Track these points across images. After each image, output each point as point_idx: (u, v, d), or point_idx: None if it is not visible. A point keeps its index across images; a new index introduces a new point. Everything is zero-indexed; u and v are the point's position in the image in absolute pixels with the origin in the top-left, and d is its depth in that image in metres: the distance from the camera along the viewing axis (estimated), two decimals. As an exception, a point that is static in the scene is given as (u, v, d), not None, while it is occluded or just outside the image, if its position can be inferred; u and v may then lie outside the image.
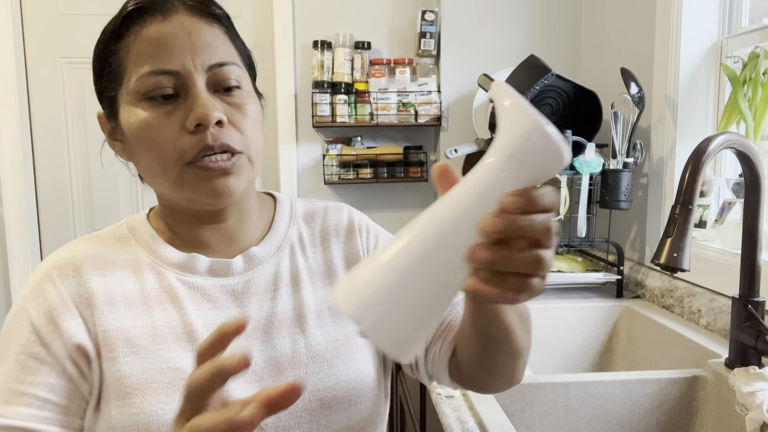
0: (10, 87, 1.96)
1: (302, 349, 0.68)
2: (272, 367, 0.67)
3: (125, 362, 0.62)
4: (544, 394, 1.01)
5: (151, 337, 0.64)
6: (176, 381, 0.62)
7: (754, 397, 0.88)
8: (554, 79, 1.51)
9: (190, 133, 0.62)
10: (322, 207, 0.80)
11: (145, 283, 0.67)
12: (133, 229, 0.71)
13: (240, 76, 0.66)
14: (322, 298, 0.73)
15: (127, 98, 0.64)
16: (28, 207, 2.04)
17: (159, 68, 0.61)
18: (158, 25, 0.62)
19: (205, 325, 0.66)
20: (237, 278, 0.69)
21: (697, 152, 0.89)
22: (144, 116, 0.62)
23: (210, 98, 0.62)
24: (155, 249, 0.69)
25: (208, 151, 0.62)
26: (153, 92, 0.62)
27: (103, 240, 0.70)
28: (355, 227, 0.78)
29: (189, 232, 0.70)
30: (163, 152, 0.62)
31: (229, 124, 0.63)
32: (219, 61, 0.64)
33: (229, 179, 0.63)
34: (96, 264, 0.66)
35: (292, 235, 0.75)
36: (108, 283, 0.65)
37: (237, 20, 0.71)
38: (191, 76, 0.62)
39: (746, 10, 1.36)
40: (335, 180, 1.99)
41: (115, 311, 0.64)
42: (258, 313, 0.69)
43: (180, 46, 0.62)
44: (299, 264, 0.73)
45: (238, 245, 0.72)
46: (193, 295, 0.67)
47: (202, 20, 0.64)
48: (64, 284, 0.64)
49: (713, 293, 1.25)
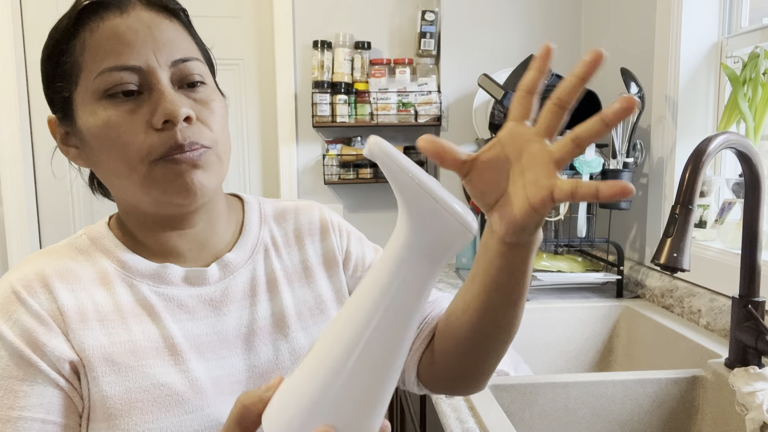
0: (11, 87, 1.96)
1: (286, 354, 0.67)
2: (257, 375, 0.65)
3: (106, 382, 0.58)
4: (544, 394, 1.01)
5: (131, 353, 0.60)
6: (161, 398, 0.59)
7: (754, 397, 0.88)
8: (554, 79, 1.51)
9: (157, 131, 0.59)
10: (293, 206, 0.78)
11: (117, 296, 0.62)
12: (95, 239, 0.66)
13: (203, 71, 0.63)
14: (302, 299, 0.71)
15: (84, 98, 0.60)
16: (28, 207, 2.04)
17: (120, 64, 0.58)
18: (116, 20, 0.59)
19: (186, 338, 0.63)
20: (213, 287, 0.66)
21: (697, 152, 0.88)
22: (105, 115, 0.59)
23: (176, 94, 0.60)
24: (123, 260, 0.64)
25: (178, 151, 0.59)
26: (114, 89, 0.58)
27: (64, 253, 0.64)
28: (329, 226, 0.76)
29: (156, 240, 0.66)
30: (128, 151, 0.59)
31: (196, 121, 0.61)
32: (182, 57, 0.61)
33: (198, 173, 0.60)
34: (63, 278, 0.61)
35: (265, 237, 0.73)
36: (78, 299, 0.61)
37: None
38: (154, 72, 0.59)
39: (746, 10, 1.36)
40: (335, 180, 1.99)
41: (89, 328, 0.60)
42: (238, 321, 0.66)
43: (141, 41, 0.59)
44: (275, 266, 0.71)
45: (210, 251, 0.68)
46: (169, 307, 0.64)
47: (161, 15, 0.62)
48: (37, 301, 0.59)
49: (713, 293, 1.25)
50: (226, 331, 0.66)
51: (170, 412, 0.59)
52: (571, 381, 1.02)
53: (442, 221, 0.42)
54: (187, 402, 0.60)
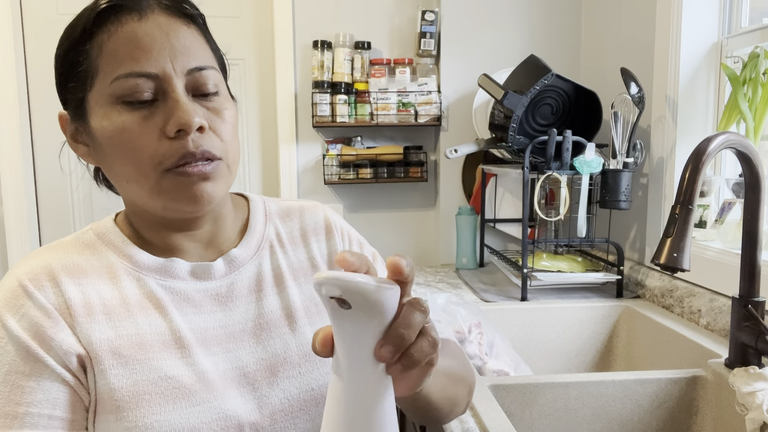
0: (11, 87, 1.96)
1: (294, 348, 0.68)
2: (265, 368, 0.66)
3: (113, 375, 0.59)
4: (544, 394, 1.01)
5: (138, 345, 0.61)
6: (169, 390, 0.60)
7: (754, 397, 0.88)
8: (554, 79, 1.51)
9: (170, 139, 0.60)
10: (297, 206, 0.79)
11: (123, 289, 0.63)
12: (101, 234, 0.67)
13: (218, 80, 0.64)
14: (308, 294, 0.72)
15: (99, 100, 0.61)
16: (28, 207, 2.04)
17: (137, 70, 0.59)
18: (134, 25, 0.59)
19: (192, 331, 0.64)
20: (219, 281, 0.67)
21: (697, 152, 0.88)
22: (120, 120, 0.60)
23: (191, 103, 0.60)
24: (129, 254, 0.65)
25: (189, 158, 0.60)
26: (129, 96, 0.59)
27: (70, 247, 0.65)
28: (333, 227, 0.78)
29: (162, 239, 0.67)
30: (140, 158, 0.60)
31: (209, 130, 0.62)
32: (198, 65, 0.62)
33: (208, 185, 0.61)
34: (69, 272, 0.62)
35: (270, 234, 0.74)
36: (84, 292, 0.61)
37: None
38: (170, 80, 0.60)
39: (746, 10, 1.36)
40: (335, 180, 2.00)
41: (95, 321, 0.60)
42: (245, 315, 0.68)
43: (159, 47, 0.59)
44: (281, 262, 0.72)
45: (215, 248, 0.70)
46: (176, 300, 0.65)
47: (179, 21, 0.62)
48: (44, 295, 0.60)
49: (713, 293, 1.25)
50: (232, 325, 0.67)
51: (177, 404, 0.60)
52: (571, 381, 1.02)
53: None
54: (195, 394, 0.61)
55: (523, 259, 1.49)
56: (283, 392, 0.66)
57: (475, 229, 1.92)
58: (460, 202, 2.04)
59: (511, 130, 1.52)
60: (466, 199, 2.05)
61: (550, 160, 1.46)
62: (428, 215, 2.14)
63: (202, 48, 0.64)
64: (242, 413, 0.63)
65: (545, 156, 1.47)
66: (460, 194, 2.05)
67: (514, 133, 1.53)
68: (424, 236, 2.14)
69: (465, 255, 1.90)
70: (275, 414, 0.65)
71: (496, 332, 1.24)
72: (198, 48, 0.63)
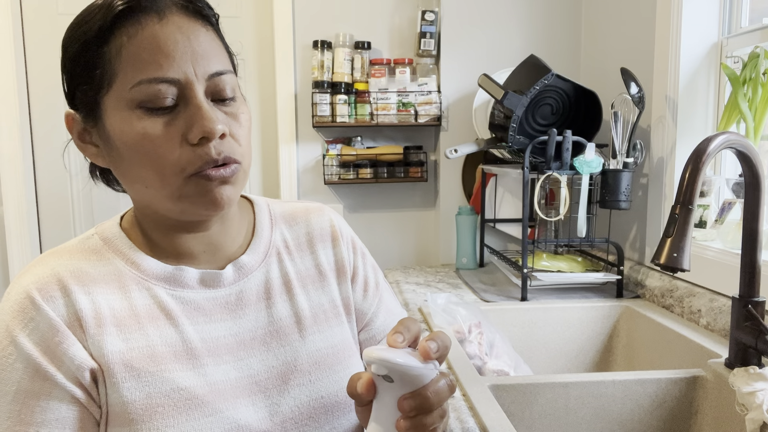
0: (11, 87, 1.96)
1: (303, 356, 0.68)
2: (276, 376, 0.66)
3: (126, 388, 0.58)
4: (544, 394, 1.01)
5: (150, 357, 0.60)
6: (182, 402, 0.60)
7: (754, 397, 0.88)
8: (554, 79, 1.51)
9: (192, 146, 0.59)
10: (302, 209, 0.78)
11: (133, 300, 0.62)
12: (108, 240, 0.66)
13: (234, 84, 0.64)
14: (317, 302, 0.72)
15: (116, 104, 0.59)
16: (28, 207, 2.04)
17: (160, 76, 0.58)
18: (155, 27, 0.58)
19: (203, 340, 0.63)
20: (228, 289, 0.67)
21: (697, 152, 0.88)
22: (141, 126, 0.58)
23: (212, 109, 0.60)
24: (137, 262, 0.64)
25: (212, 164, 0.60)
26: (152, 102, 0.58)
27: (76, 253, 0.64)
28: (339, 235, 0.77)
29: (170, 242, 0.66)
30: (162, 165, 0.59)
31: (228, 136, 0.62)
32: (218, 70, 0.61)
33: (228, 189, 0.62)
34: (78, 280, 0.61)
35: (277, 240, 0.73)
36: (94, 302, 0.60)
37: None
38: (192, 86, 0.59)
39: (746, 10, 1.36)
40: (335, 180, 1.99)
41: (106, 333, 0.59)
42: (254, 323, 0.67)
43: (181, 52, 0.58)
44: (288, 270, 0.72)
45: (223, 253, 0.69)
46: (186, 310, 0.64)
47: (198, 22, 0.61)
48: (54, 307, 0.58)
49: (713, 293, 1.25)
50: (242, 333, 0.66)
51: (190, 415, 0.60)
52: (571, 381, 1.02)
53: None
54: (207, 405, 0.61)
55: (523, 259, 1.49)
56: (294, 400, 0.66)
57: (475, 229, 1.92)
58: (460, 202, 2.04)
59: (511, 130, 1.52)
60: (466, 199, 2.05)
61: (550, 160, 1.46)
62: (428, 215, 2.14)
63: (220, 51, 0.63)
64: (253, 422, 0.63)
65: (545, 156, 1.47)
66: (460, 194, 2.05)
67: (514, 133, 1.53)
68: (424, 236, 2.15)
69: (465, 255, 1.90)
70: (286, 422, 0.65)
71: (496, 332, 1.24)
72: (217, 52, 0.62)
